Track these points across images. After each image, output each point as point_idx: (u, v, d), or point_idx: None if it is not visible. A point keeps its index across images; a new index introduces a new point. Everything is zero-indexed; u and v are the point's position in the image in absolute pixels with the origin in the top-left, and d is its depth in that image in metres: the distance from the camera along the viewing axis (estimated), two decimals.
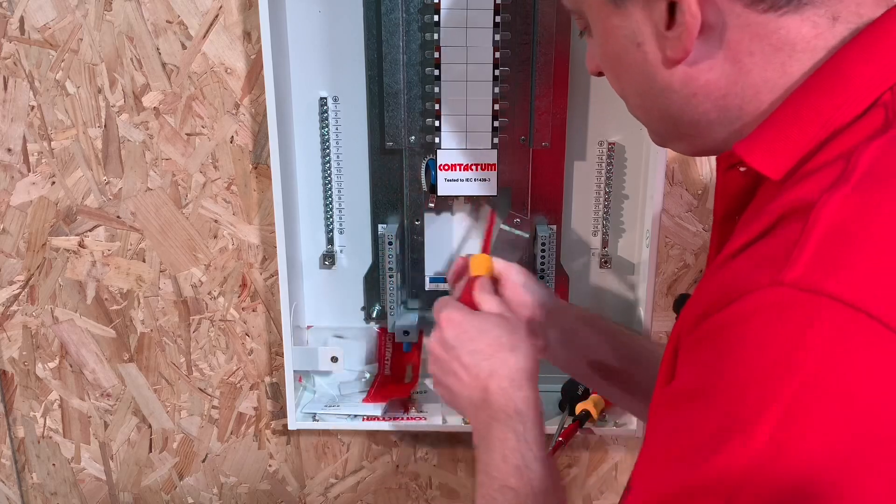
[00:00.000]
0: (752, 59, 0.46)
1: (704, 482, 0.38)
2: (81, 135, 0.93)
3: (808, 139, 0.44)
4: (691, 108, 0.49)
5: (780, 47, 0.45)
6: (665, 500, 0.40)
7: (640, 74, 0.50)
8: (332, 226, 0.95)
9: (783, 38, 0.45)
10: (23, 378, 1.04)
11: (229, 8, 0.88)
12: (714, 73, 0.47)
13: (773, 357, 0.36)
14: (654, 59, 0.48)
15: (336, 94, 0.90)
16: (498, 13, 0.83)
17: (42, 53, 0.90)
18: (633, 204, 0.93)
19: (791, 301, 0.36)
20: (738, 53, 0.46)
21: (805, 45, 0.45)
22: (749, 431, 0.36)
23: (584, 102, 0.89)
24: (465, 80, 0.86)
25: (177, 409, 1.05)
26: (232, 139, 0.93)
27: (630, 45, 0.49)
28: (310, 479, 1.09)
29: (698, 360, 0.41)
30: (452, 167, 0.89)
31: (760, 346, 0.37)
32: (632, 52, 0.49)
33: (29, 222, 0.97)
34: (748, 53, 0.46)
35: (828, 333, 0.36)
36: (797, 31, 0.45)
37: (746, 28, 0.45)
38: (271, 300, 0.99)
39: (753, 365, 0.37)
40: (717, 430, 0.38)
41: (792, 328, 0.36)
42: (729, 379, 0.38)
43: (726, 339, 0.39)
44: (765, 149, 0.46)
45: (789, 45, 0.45)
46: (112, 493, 1.10)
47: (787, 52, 0.45)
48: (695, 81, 0.47)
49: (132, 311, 1.00)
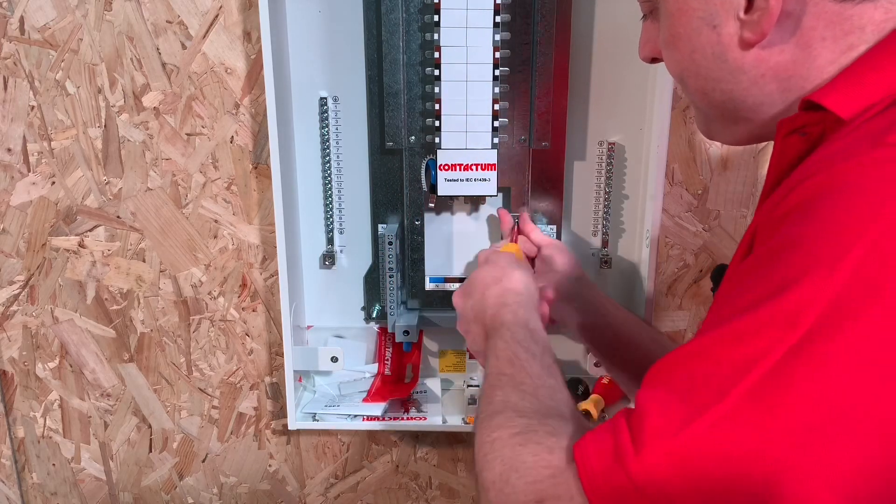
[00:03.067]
0: (824, 44, 0.48)
1: (784, 308, 0.37)
2: (81, 135, 0.93)
3: (882, 86, 0.45)
4: (757, 88, 0.50)
5: (850, 31, 0.47)
6: (742, 327, 0.39)
7: (710, 56, 0.51)
8: (332, 226, 0.95)
9: (855, 24, 0.47)
10: (23, 378, 1.04)
11: (229, 8, 0.88)
12: (784, 55, 0.48)
13: (868, 202, 0.37)
14: (728, 41, 0.50)
15: (336, 94, 0.90)
16: (498, 13, 0.83)
17: (42, 53, 0.90)
18: (633, 204, 0.93)
19: (887, 158, 0.37)
20: (811, 39, 0.48)
21: (874, 27, 0.47)
22: (833, 266, 0.36)
23: (584, 102, 0.89)
24: (465, 80, 0.86)
25: (177, 409, 1.05)
26: (232, 139, 0.93)
27: (704, 27, 0.50)
28: (310, 479, 1.09)
29: (784, 226, 0.41)
30: (452, 167, 0.89)
31: (861, 191, 0.37)
32: (705, 34, 0.51)
33: (29, 222, 0.97)
34: (820, 39, 0.47)
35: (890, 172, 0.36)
36: (870, 17, 0.47)
37: (822, 16, 0.47)
38: (271, 300, 0.99)
39: (849, 207, 0.37)
40: (801, 266, 0.38)
41: (892, 178, 0.37)
42: (820, 223, 0.38)
43: (823, 192, 0.39)
44: (840, 92, 0.47)
45: (859, 29, 0.47)
46: (112, 493, 1.10)
47: (856, 34, 0.47)
48: (765, 63, 0.49)
49: (132, 311, 1.00)
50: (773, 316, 0.38)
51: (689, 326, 0.97)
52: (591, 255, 0.95)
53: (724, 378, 0.38)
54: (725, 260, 0.93)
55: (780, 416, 0.37)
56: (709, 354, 0.40)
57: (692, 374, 0.40)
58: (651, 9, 0.56)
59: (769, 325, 0.38)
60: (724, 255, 0.94)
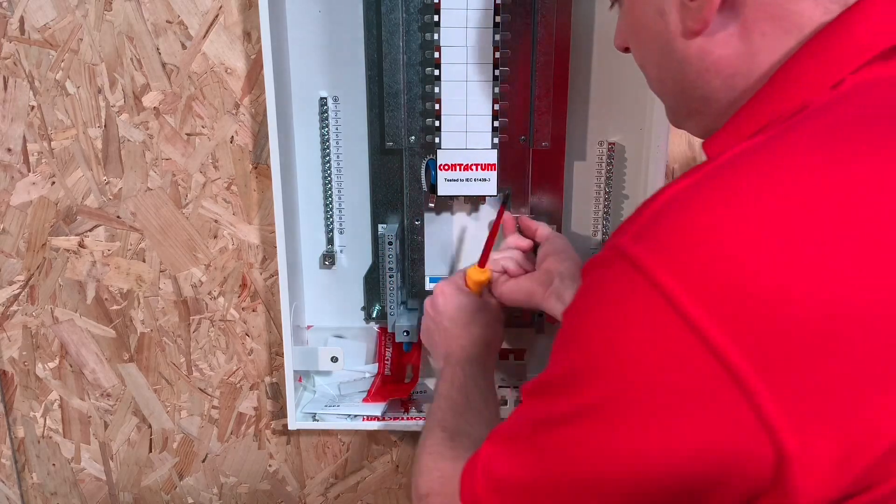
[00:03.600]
0: (764, 41, 0.47)
1: (552, 380, 0.47)
2: (81, 135, 0.93)
3: (750, 127, 0.47)
4: (703, 82, 0.50)
5: (790, 30, 0.46)
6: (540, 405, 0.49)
7: (660, 45, 0.51)
8: (332, 226, 0.95)
9: (796, 22, 0.46)
10: (23, 378, 1.04)
11: (229, 8, 0.88)
12: (728, 49, 0.48)
13: (591, 303, 0.44)
14: (675, 30, 0.49)
15: (336, 94, 0.90)
16: (498, 13, 0.83)
17: (42, 53, 0.90)
18: (633, 204, 0.93)
19: (611, 260, 0.43)
20: (752, 32, 0.47)
21: (813, 29, 0.45)
22: (568, 352, 0.45)
23: (584, 102, 0.89)
24: (465, 80, 0.86)
25: (177, 409, 1.05)
26: (232, 139, 0.93)
27: (655, 15, 0.50)
28: (310, 479, 1.09)
29: (571, 311, 0.48)
30: (452, 167, 0.89)
31: (589, 293, 0.45)
32: (656, 22, 0.50)
33: (29, 222, 0.97)
34: (761, 34, 0.47)
35: (619, 292, 0.42)
36: (809, 16, 0.45)
37: (764, 7, 0.46)
38: (271, 300, 0.99)
39: (585, 306, 0.45)
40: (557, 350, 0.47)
41: (605, 281, 0.43)
42: (578, 311, 0.46)
43: (583, 283, 0.47)
44: (719, 139, 0.50)
45: (798, 29, 0.46)
46: (112, 493, 1.10)
47: (795, 35, 0.46)
48: (709, 56, 0.49)
49: (132, 311, 1.00)
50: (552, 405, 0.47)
51: None
52: (591, 254, 0.95)
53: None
54: None
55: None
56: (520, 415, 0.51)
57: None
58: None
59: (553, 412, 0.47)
60: None
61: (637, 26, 0.53)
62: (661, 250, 0.40)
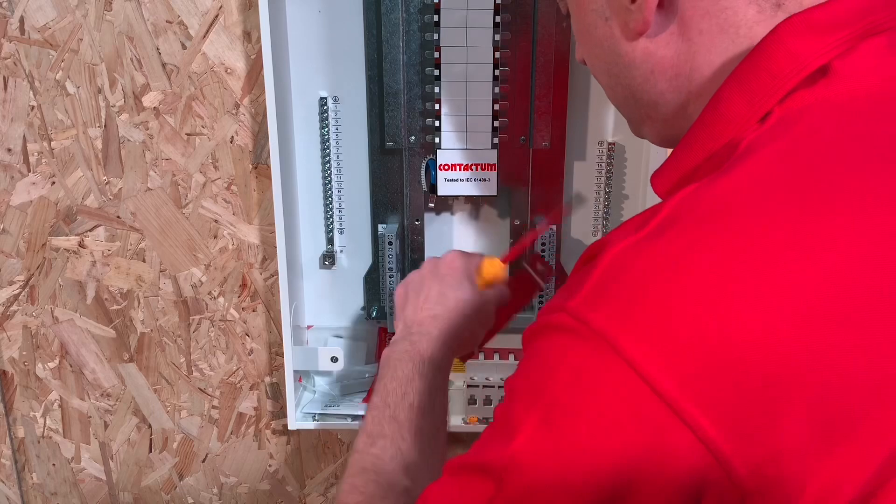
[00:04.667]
0: (701, 39, 0.46)
1: (484, 462, 0.43)
2: (81, 135, 0.93)
3: (687, 163, 0.47)
4: (650, 86, 0.50)
5: (725, 28, 0.46)
6: (460, 468, 0.45)
7: (607, 50, 0.51)
8: (332, 226, 0.95)
9: (729, 18, 0.45)
10: (23, 378, 1.04)
11: (229, 8, 0.88)
12: (669, 49, 0.48)
13: (544, 370, 0.42)
14: (619, 34, 0.49)
15: (336, 94, 0.90)
16: (498, 13, 0.83)
17: (42, 53, 0.90)
18: (633, 204, 0.93)
19: (563, 325, 0.41)
20: (689, 30, 0.47)
21: (747, 30, 0.45)
22: (518, 428, 0.42)
23: (584, 102, 0.89)
24: (465, 80, 0.86)
25: (177, 409, 1.05)
26: (232, 139, 0.93)
27: (599, 20, 0.50)
28: (310, 479, 1.09)
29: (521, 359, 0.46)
30: (452, 167, 0.89)
31: (542, 359, 0.42)
32: (601, 28, 0.50)
33: (29, 222, 0.97)
34: (698, 32, 0.46)
35: (579, 360, 0.40)
36: (743, 13, 0.45)
37: (699, 3, 0.46)
38: (271, 300, 0.99)
39: (533, 373, 0.43)
40: (504, 420, 0.44)
41: (558, 348, 0.41)
42: (521, 379, 0.44)
43: (530, 348, 0.44)
44: (662, 172, 0.50)
45: (734, 28, 0.45)
46: (112, 493, 1.10)
47: (731, 35, 0.46)
48: (653, 57, 0.49)
49: (132, 311, 1.00)
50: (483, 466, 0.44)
51: None
52: None
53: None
54: None
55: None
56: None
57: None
58: (566, 8, 0.56)
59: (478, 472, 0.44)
60: None
61: (582, 34, 0.53)
62: (618, 315, 0.39)
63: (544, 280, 0.83)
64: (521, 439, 0.41)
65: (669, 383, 0.37)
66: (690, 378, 0.37)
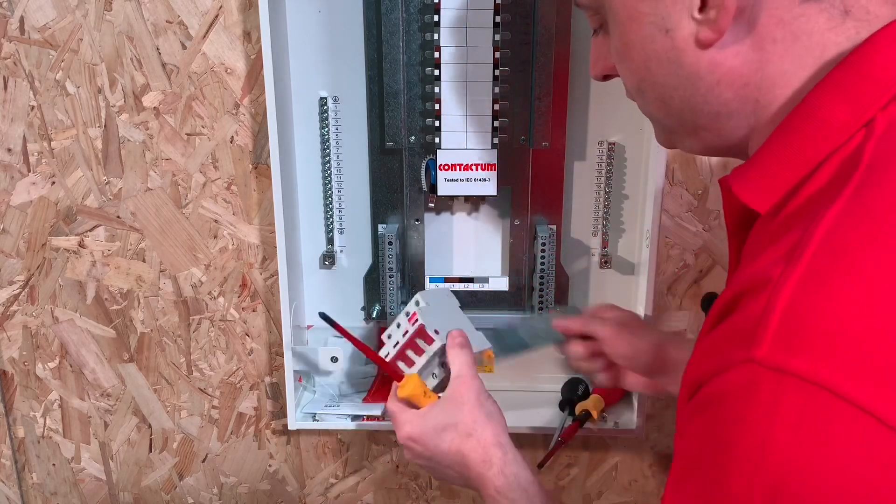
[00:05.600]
0: (775, 48, 0.46)
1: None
2: (81, 135, 0.93)
3: (791, 174, 0.46)
4: (714, 96, 0.49)
5: (799, 36, 0.46)
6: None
7: (665, 63, 0.50)
8: (332, 226, 0.95)
9: (802, 26, 0.46)
10: (23, 378, 1.04)
11: (229, 8, 0.88)
12: (739, 59, 0.47)
13: (750, 437, 0.38)
14: (682, 45, 0.48)
15: (336, 94, 0.90)
16: (498, 13, 0.83)
17: (42, 53, 0.90)
18: (633, 204, 0.93)
19: (760, 379, 0.38)
20: (764, 40, 0.47)
21: (819, 37, 0.46)
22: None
23: (584, 102, 0.89)
24: (465, 80, 0.86)
25: (177, 409, 1.05)
26: (232, 139, 0.93)
27: (657, 33, 0.49)
28: (310, 479, 1.09)
29: (692, 433, 0.42)
30: (452, 167, 0.89)
31: (740, 426, 0.38)
32: (659, 40, 0.49)
33: (29, 222, 0.97)
34: (772, 41, 0.46)
35: (796, 413, 0.37)
36: (815, 21, 0.46)
37: (774, 12, 0.46)
38: (271, 300, 0.99)
39: (737, 444, 0.38)
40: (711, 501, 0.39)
41: (764, 408, 0.37)
42: (717, 456, 0.40)
43: (713, 415, 0.40)
44: (753, 183, 0.48)
45: (806, 35, 0.46)
46: (112, 493, 1.10)
47: (804, 42, 0.46)
48: (720, 67, 0.48)
49: (132, 311, 1.00)
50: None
51: (689, 327, 0.97)
52: (591, 255, 0.95)
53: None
54: (725, 260, 0.93)
55: None
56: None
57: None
58: (600, 22, 0.55)
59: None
60: (724, 256, 0.94)
61: (633, 47, 0.52)
62: (828, 357, 0.37)
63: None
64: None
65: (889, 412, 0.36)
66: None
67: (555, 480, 1.06)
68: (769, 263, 0.41)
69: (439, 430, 0.70)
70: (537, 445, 1.00)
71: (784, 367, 0.37)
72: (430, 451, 0.70)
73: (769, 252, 0.42)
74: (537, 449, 0.99)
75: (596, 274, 0.96)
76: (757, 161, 0.48)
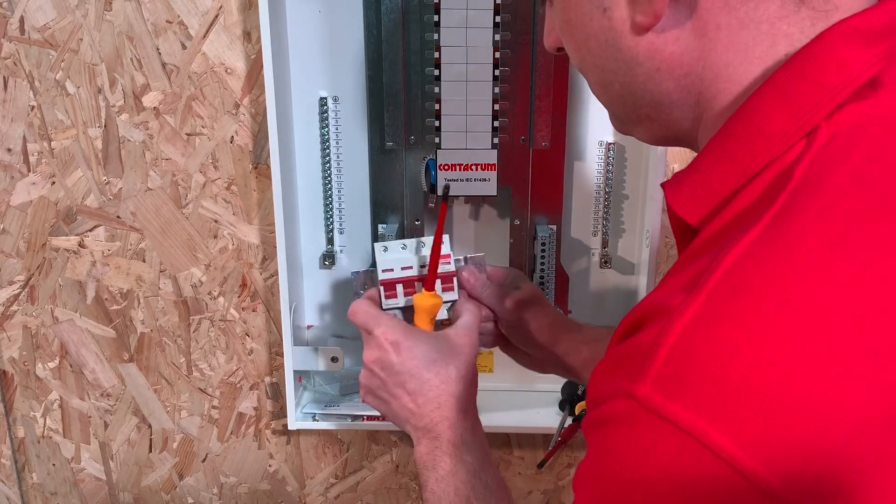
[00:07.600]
0: (718, 35, 0.43)
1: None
2: (81, 135, 0.93)
3: (723, 185, 0.43)
4: (654, 84, 0.46)
5: (746, 23, 0.42)
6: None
7: (603, 44, 0.46)
8: (332, 226, 0.95)
9: (751, 13, 0.42)
10: (23, 378, 1.04)
11: (229, 8, 0.88)
12: (679, 45, 0.44)
13: (626, 474, 0.39)
14: (620, 27, 0.45)
15: (336, 94, 0.90)
16: (498, 13, 0.83)
17: (42, 53, 0.90)
18: (633, 204, 0.93)
19: (639, 418, 0.38)
20: (706, 25, 0.43)
21: (769, 27, 0.42)
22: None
23: (584, 102, 0.89)
24: (465, 80, 0.86)
25: (177, 409, 1.05)
26: (232, 139, 0.93)
27: (595, 11, 0.46)
28: (310, 479, 1.09)
29: (589, 444, 0.43)
30: (452, 167, 0.89)
31: (619, 463, 0.39)
32: (596, 19, 0.46)
33: (29, 222, 0.97)
34: (716, 27, 0.43)
35: (668, 460, 0.37)
36: (765, 8, 0.42)
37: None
38: (271, 300, 0.99)
39: (612, 478, 0.40)
40: None
41: (641, 449, 0.38)
42: (599, 482, 0.41)
43: (601, 440, 0.41)
44: (686, 190, 0.45)
45: (754, 23, 0.42)
46: (112, 493, 1.10)
47: (751, 30, 0.42)
48: (660, 54, 0.45)
49: (132, 311, 1.00)
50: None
51: None
52: (591, 255, 0.95)
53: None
54: None
55: None
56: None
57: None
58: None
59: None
60: None
61: (573, 25, 0.48)
62: (705, 407, 0.35)
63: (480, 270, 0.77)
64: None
65: (773, 480, 0.35)
66: (794, 473, 0.35)
67: (555, 480, 1.06)
68: (673, 291, 0.39)
69: (430, 356, 0.64)
70: (537, 445, 1.00)
71: (661, 413, 0.36)
72: (404, 367, 0.64)
73: (679, 276, 0.40)
74: (537, 449, 0.99)
75: (596, 274, 0.96)
76: (693, 167, 0.45)
